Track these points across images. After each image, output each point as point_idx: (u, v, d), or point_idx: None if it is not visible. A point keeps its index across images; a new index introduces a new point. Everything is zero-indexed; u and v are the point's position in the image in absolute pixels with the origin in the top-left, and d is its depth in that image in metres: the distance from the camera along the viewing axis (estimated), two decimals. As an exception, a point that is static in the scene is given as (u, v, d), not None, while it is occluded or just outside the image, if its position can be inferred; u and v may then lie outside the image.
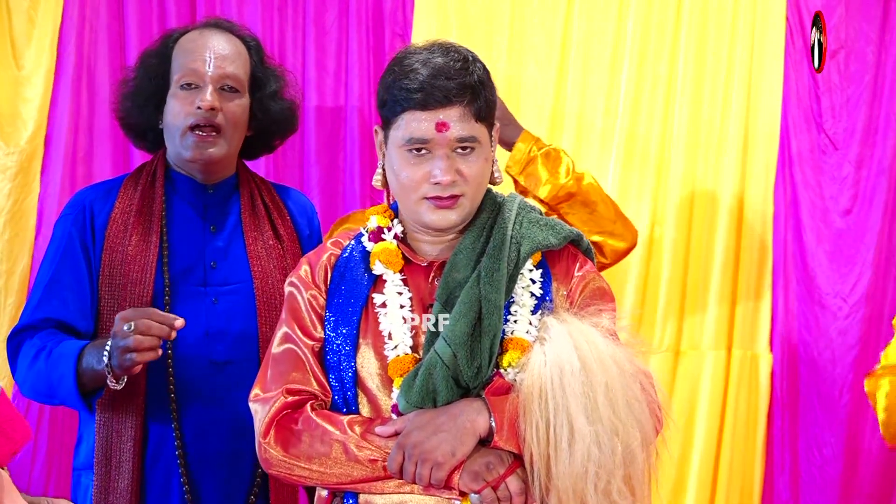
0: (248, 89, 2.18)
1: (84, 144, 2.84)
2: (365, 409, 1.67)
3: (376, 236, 1.75)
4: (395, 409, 1.63)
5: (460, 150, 1.65)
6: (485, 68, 1.70)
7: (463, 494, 1.56)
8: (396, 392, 1.63)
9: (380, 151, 1.75)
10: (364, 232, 1.77)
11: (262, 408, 1.66)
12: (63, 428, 2.78)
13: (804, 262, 3.11)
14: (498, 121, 1.77)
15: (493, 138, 1.73)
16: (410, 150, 1.65)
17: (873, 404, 2.24)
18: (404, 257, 1.73)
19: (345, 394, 1.67)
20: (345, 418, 1.63)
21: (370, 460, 1.58)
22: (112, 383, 1.89)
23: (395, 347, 1.66)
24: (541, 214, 1.78)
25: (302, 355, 1.69)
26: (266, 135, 2.30)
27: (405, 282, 1.71)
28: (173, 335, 1.84)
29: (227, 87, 2.13)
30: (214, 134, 2.11)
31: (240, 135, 2.18)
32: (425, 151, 1.64)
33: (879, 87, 3.10)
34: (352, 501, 1.64)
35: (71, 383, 1.92)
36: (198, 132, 2.10)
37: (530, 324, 1.67)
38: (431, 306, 1.67)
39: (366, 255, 1.74)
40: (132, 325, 1.81)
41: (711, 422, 3.08)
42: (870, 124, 3.10)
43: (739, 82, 3.10)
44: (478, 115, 1.65)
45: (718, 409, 3.08)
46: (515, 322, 1.67)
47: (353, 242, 1.78)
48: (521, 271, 1.69)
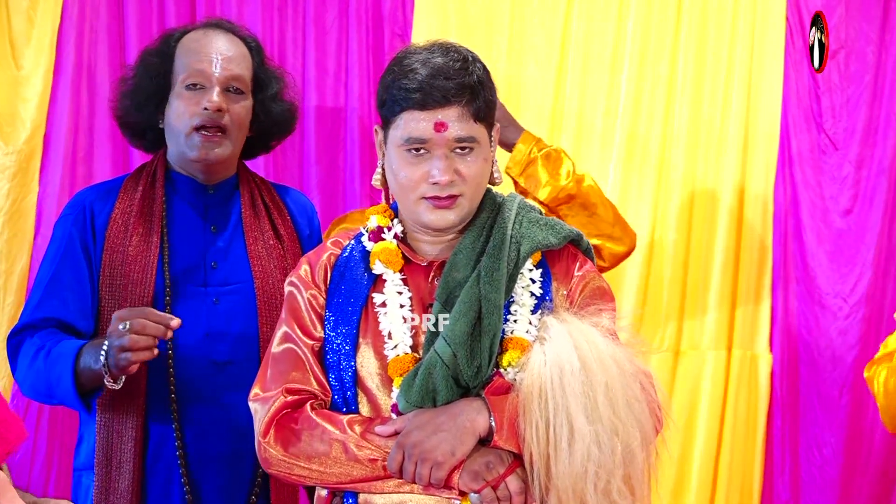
0: (250, 91, 2.19)
1: (83, 144, 2.84)
2: (365, 409, 1.67)
3: (376, 236, 1.75)
4: (394, 408, 1.63)
5: (459, 150, 1.65)
6: (485, 68, 1.70)
7: (463, 494, 1.55)
8: (396, 391, 1.63)
9: (379, 151, 1.75)
10: (364, 231, 1.77)
11: (261, 407, 1.65)
12: (63, 428, 2.77)
13: (804, 262, 3.11)
14: (497, 122, 1.77)
15: (492, 139, 1.73)
16: (409, 149, 1.64)
17: (872, 392, 2.27)
18: (404, 257, 1.73)
19: (344, 393, 1.67)
20: (344, 418, 1.63)
21: (370, 460, 1.58)
22: (109, 383, 1.88)
23: (395, 347, 1.66)
24: (540, 214, 1.78)
25: (302, 355, 1.69)
26: (266, 135, 2.30)
27: (405, 281, 1.71)
28: (169, 335, 1.84)
29: (232, 89, 2.13)
30: (220, 135, 2.11)
31: (243, 136, 2.18)
32: (424, 151, 1.64)
33: (879, 87, 3.10)
34: (351, 501, 1.63)
35: (69, 383, 1.92)
36: (203, 132, 2.09)
37: (530, 323, 1.66)
38: (431, 306, 1.67)
39: (366, 254, 1.74)
40: (128, 324, 1.81)
41: (711, 422, 3.08)
42: (870, 124, 3.10)
43: (739, 82, 3.11)
44: (477, 116, 1.65)
45: (718, 409, 3.09)
46: (515, 322, 1.66)
47: (352, 242, 1.78)
48: (521, 271, 1.69)
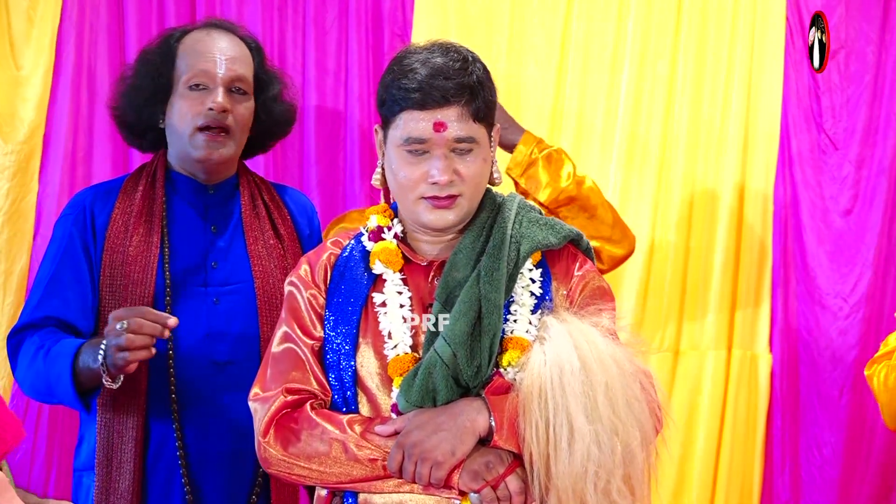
0: (252, 91, 2.18)
1: (83, 144, 2.83)
2: (364, 409, 1.66)
3: (376, 236, 1.75)
4: (394, 408, 1.63)
5: (458, 150, 1.64)
6: (485, 69, 1.70)
7: (462, 494, 1.55)
8: (396, 391, 1.63)
9: (379, 151, 1.75)
10: (364, 231, 1.77)
11: (261, 407, 1.65)
12: (63, 428, 2.77)
13: (804, 262, 3.11)
14: (497, 122, 1.77)
15: (492, 139, 1.73)
16: (408, 149, 1.64)
17: (872, 389, 2.29)
18: (404, 257, 1.73)
19: (344, 393, 1.67)
20: (344, 417, 1.63)
21: (370, 459, 1.58)
22: (108, 382, 1.88)
23: (395, 347, 1.66)
24: (540, 214, 1.78)
25: (301, 354, 1.69)
26: (266, 136, 2.30)
27: (405, 281, 1.71)
28: (167, 334, 1.84)
29: (235, 89, 2.13)
30: (224, 135, 2.11)
31: (245, 136, 2.19)
32: (423, 151, 1.64)
33: (879, 86, 3.10)
34: (351, 501, 1.63)
35: (67, 382, 1.92)
36: (207, 132, 2.09)
37: (530, 323, 1.66)
38: (431, 306, 1.67)
39: (366, 254, 1.74)
40: (125, 323, 1.81)
41: (711, 422, 3.08)
42: (870, 124, 3.10)
43: (739, 82, 3.11)
44: (476, 116, 1.65)
45: (718, 409, 3.09)
46: (515, 321, 1.66)
47: (352, 242, 1.78)
48: (521, 271, 1.69)
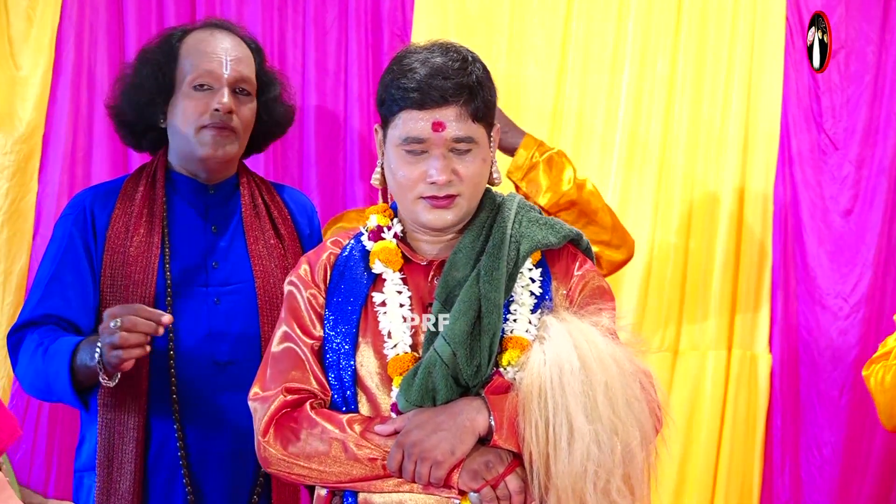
0: (255, 92, 2.19)
1: (83, 144, 2.83)
2: (364, 408, 1.66)
3: (376, 235, 1.75)
4: (394, 407, 1.63)
5: (457, 150, 1.64)
6: (484, 69, 1.70)
7: (462, 493, 1.55)
8: (396, 391, 1.63)
9: (379, 150, 1.75)
10: (364, 231, 1.77)
11: (261, 406, 1.65)
12: (63, 428, 2.77)
13: (804, 262, 3.11)
14: (497, 124, 1.77)
15: (492, 139, 1.73)
16: (407, 149, 1.64)
17: (870, 389, 2.30)
18: (404, 256, 1.73)
19: (344, 392, 1.67)
20: (344, 417, 1.62)
21: (369, 459, 1.58)
22: (105, 380, 1.88)
23: (395, 346, 1.66)
24: (540, 214, 1.78)
25: (301, 354, 1.69)
26: (265, 136, 2.30)
27: (405, 281, 1.71)
28: (161, 331, 1.83)
29: (240, 90, 2.13)
30: (229, 132, 2.11)
31: (247, 137, 2.19)
32: (422, 151, 1.64)
33: (880, 86, 3.10)
34: (351, 500, 1.63)
35: (65, 380, 1.92)
36: (213, 129, 2.09)
37: (530, 323, 1.66)
38: (431, 305, 1.67)
39: (365, 254, 1.74)
40: (118, 321, 1.80)
41: (711, 422, 3.08)
42: (870, 124, 3.10)
43: (739, 82, 3.11)
44: (475, 116, 1.65)
45: (718, 409, 3.09)
46: (515, 321, 1.66)
47: (352, 241, 1.77)
48: (521, 270, 1.69)
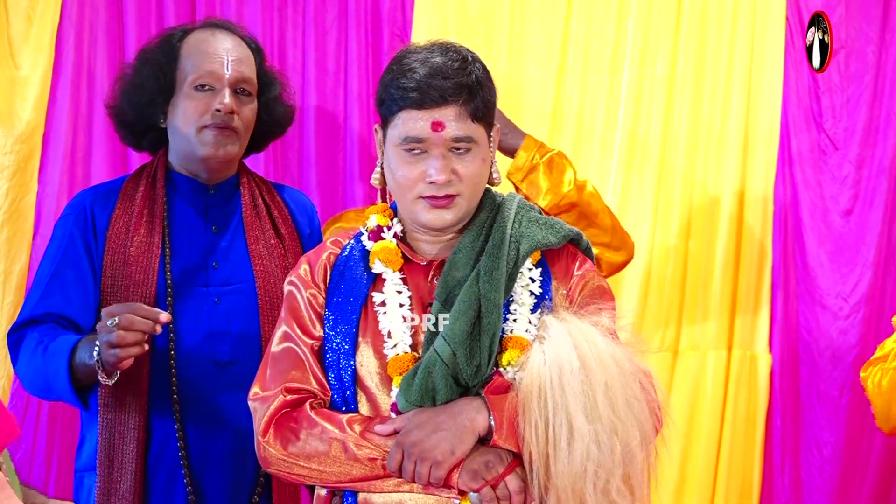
0: (255, 93, 2.19)
1: (82, 144, 2.83)
2: (364, 408, 1.66)
3: (376, 235, 1.75)
4: (394, 407, 1.63)
5: (456, 150, 1.64)
6: (484, 69, 1.70)
7: (462, 493, 1.55)
8: (396, 391, 1.63)
9: (379, 150, 1.75)
10: (364, 231, 1.77)
11: (261, 406, 1.65)
12: (62, 428, 2.76)
13: (804, 262, 3.11)
14: (497, 124, 1.76)
15: (491, 139, 1.73)
16: (406, 148, 1.64)
17: (867, 392, 2.29)
18: (404, 256, 1.73)
19: (344, 392, 1.67)
20: (344, 417, 1.62)
21: (369, 459, 1.58)
22: (103, 379, 1.88)
23: (395, 346, 1.65)
24: (540, 214, 1.78)
25: (301, 354, 1.69)
26: (265, 136, 2.30)
27: (404, 281, 1.71)
28: (158, 329, 1.83)
29: (241, 91, 2.13)
30: (230, 132, 2.11)
31: (248, 137, 2.19)
32: (421, 151, 1.64)
33: (880, 86, 3.10)
34: (351, 500, 1.63)
35: (64, 378, 1.92)
36: (215, 128, 2.09)
37: (530, 322, 1.66)
38: (431, 305, 1.67)
39: (365, 253, 1.74)
40: (115, 320, 1.80)
41: (711, 422, 3.08)
42: (870, 124, 3.10)
43: (739, 82, 3.11)
44: (474, 115, 1.64)
45: (718, 409, 3.09)
46: (515, 321, 1.66)
47: (352, 241, 1.77)
48: (521, 270, 1.69)
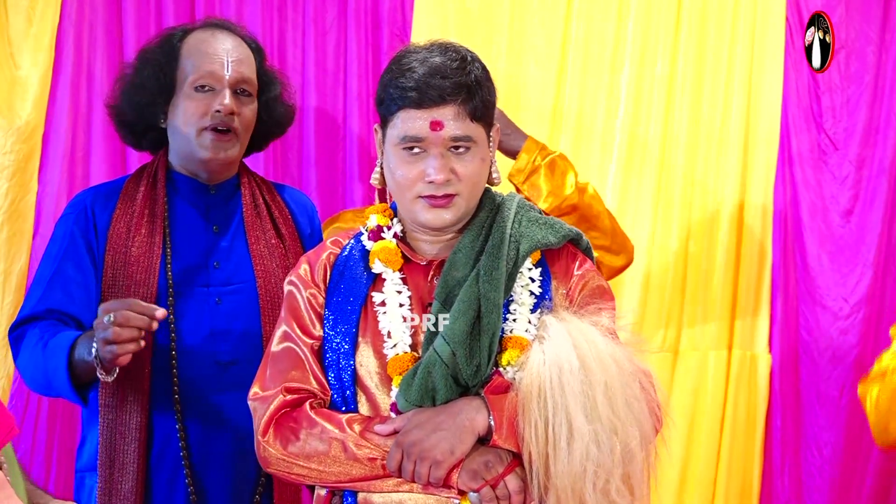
0: (255, 93, 2.19)
1: (82, 144, 2.83)
2: (364, 408, 1.66)
3: (376, 235, 1.75)
4: (394, 407, 1.63)
5: (455, 150, 1.64)
6: (483, 68, 1.70)
7: (462, 493, 1.55)
8: (395, 390, 1.63)
9: (378, 150, 1.75)
10: (363, 231, 1.77)
11: (260, 406, 1.65)
12: (62, 428, 2.76)
13: (804, 262, 3.11)
14: (497, 123, 1.76)
15: (491, 139, 1.73)
16: (405, 148, 1.64)
17: (865, 409, 2.27)
18: (404, 256, 1.73)
19: (344, 392, 1.67)
20: (344, 417, 1.62)
21: (369, 459, 1.58)
22: (102, 375, 1.88)
23: (395, 346, 1.66)
24: (540, 213, 1.77)
25: (301, 354, 1.69)
26: (266, 136, 2.31)
27: (404, 280, 1.71)
28: (155, 325, 1.83)
29: (241, 91, 2.14)
30: (230, 136, 2.11)
31: (248, 137, 2.19)
32: (420, 150, 1.64)
33: (880, 86, 3.10)
34: (350, 500, 1.63)
35: (63, 375, 1.92)
36: (214, 133, 2.10)
37: (529, 322, 1.66)
38: (430, 305, 1.67)
39: (365, 253, 1.74)
40: (111, 316, 1.80)
41: (711, 422, 3.08)
42: (870, 124, 3.10)
43: (739, 82, 3.11)
44: (473, 115, 1.64)
45: (718, 409, 3.08)
46: (514, 321, 1.66)
47: (352, 241, 1.78)
48: (521, 270, 1.69)
